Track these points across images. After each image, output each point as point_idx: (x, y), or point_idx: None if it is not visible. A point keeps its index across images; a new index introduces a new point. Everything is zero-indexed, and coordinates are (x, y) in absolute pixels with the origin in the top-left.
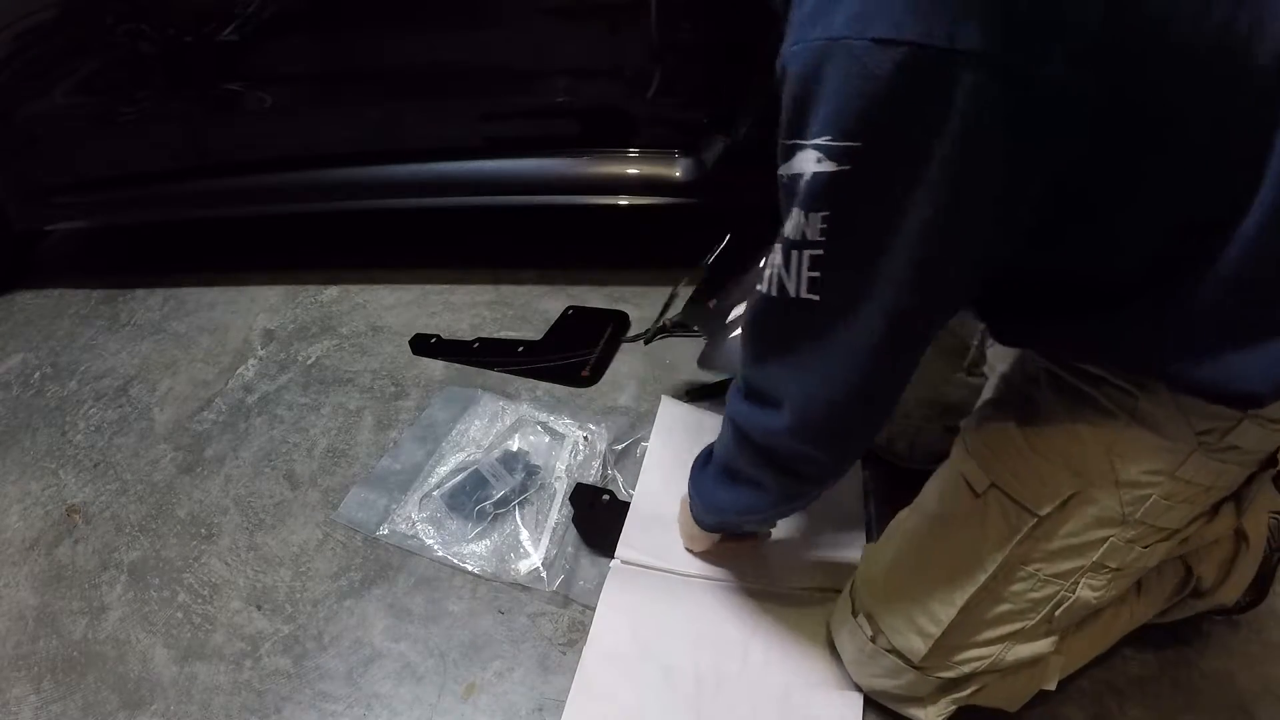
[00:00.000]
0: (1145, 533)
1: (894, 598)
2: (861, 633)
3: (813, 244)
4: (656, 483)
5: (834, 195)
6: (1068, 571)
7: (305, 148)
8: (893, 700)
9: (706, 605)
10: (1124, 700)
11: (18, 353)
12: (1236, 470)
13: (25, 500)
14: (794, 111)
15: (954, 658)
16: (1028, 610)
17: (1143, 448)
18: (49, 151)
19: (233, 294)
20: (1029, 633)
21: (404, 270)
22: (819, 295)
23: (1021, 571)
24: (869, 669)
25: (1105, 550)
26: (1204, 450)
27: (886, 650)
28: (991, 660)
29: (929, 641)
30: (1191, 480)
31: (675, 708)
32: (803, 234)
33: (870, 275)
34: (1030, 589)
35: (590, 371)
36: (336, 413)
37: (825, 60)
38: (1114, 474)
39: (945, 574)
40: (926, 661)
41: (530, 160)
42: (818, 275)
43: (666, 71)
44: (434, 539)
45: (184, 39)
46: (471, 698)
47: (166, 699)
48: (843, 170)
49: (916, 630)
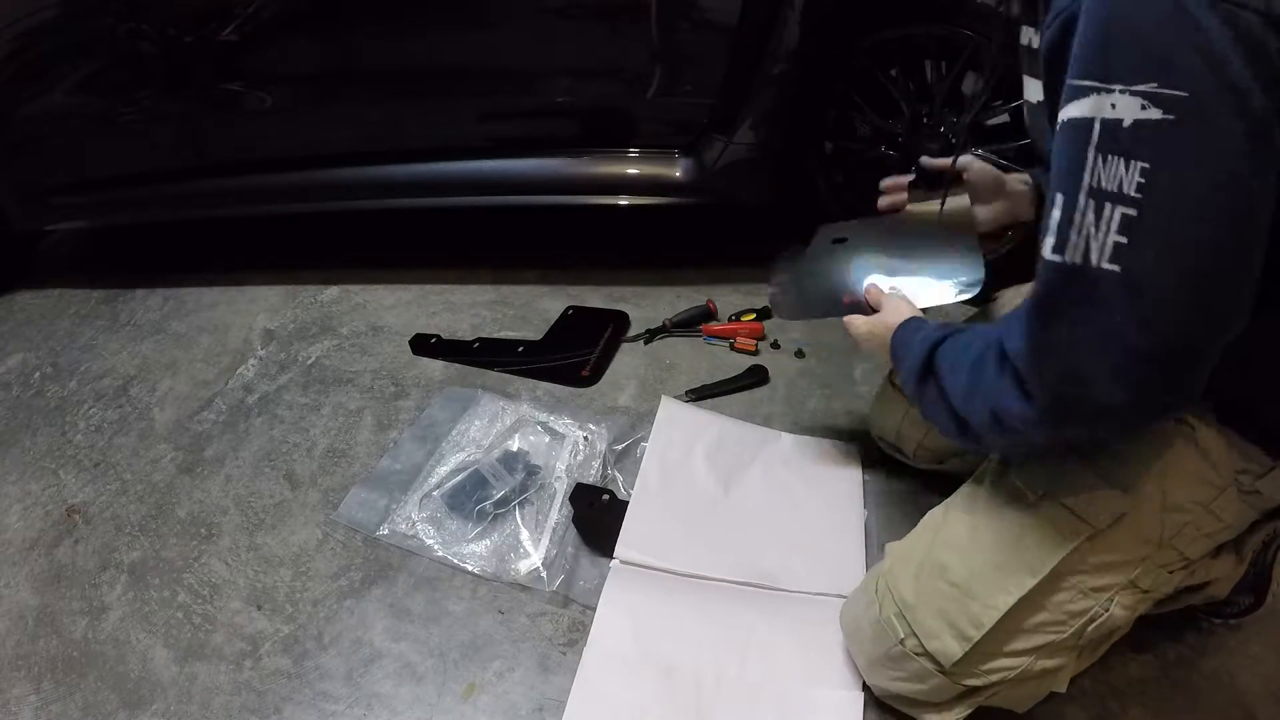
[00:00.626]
0: (1173, 559)
1: (932, 599)
2: (890, 635)
3: (1128, 200)
4: (656, 482)
5: (1158, 145)
6: (1106, 586)
7: (305, 148)
8: (908, 704)
9: (706, 605)
10: (1124, 700)
11: (18, 353)
12: (1251, 513)
13: (25, 500)
14: (1101, 53)
15: (986, 665)
16: (1064, 622)
17: (1191, 476)
18: (49, 151)
19: (233, 294)
20: (1059, 646)
21: (404, 270)
22: (1120, 266)
23: (1066, 582)
24: (891, 672)
25: (1141, 571)
26: (1237, 490)
27: (917, 654)
28: (1020, 671)
29: (966, 645)
30: (1219, 516)
31: (675, 708)
32: (1120, 185)
33: (1183, 242)
34: (1069, 600)
35: (590, 371)
36: (336, 413)
37: (1144, 6)
38: (1163, 498)
39: (992, 577)
40: (958, 667)
41: (530, 160)
42: (1125, 241)
43: (666, 71)
44: (434, 539)
45: (184, 39)
46: (472, 698)
47: (166, 699)
48: (1168, 119)
49: (956, 633)
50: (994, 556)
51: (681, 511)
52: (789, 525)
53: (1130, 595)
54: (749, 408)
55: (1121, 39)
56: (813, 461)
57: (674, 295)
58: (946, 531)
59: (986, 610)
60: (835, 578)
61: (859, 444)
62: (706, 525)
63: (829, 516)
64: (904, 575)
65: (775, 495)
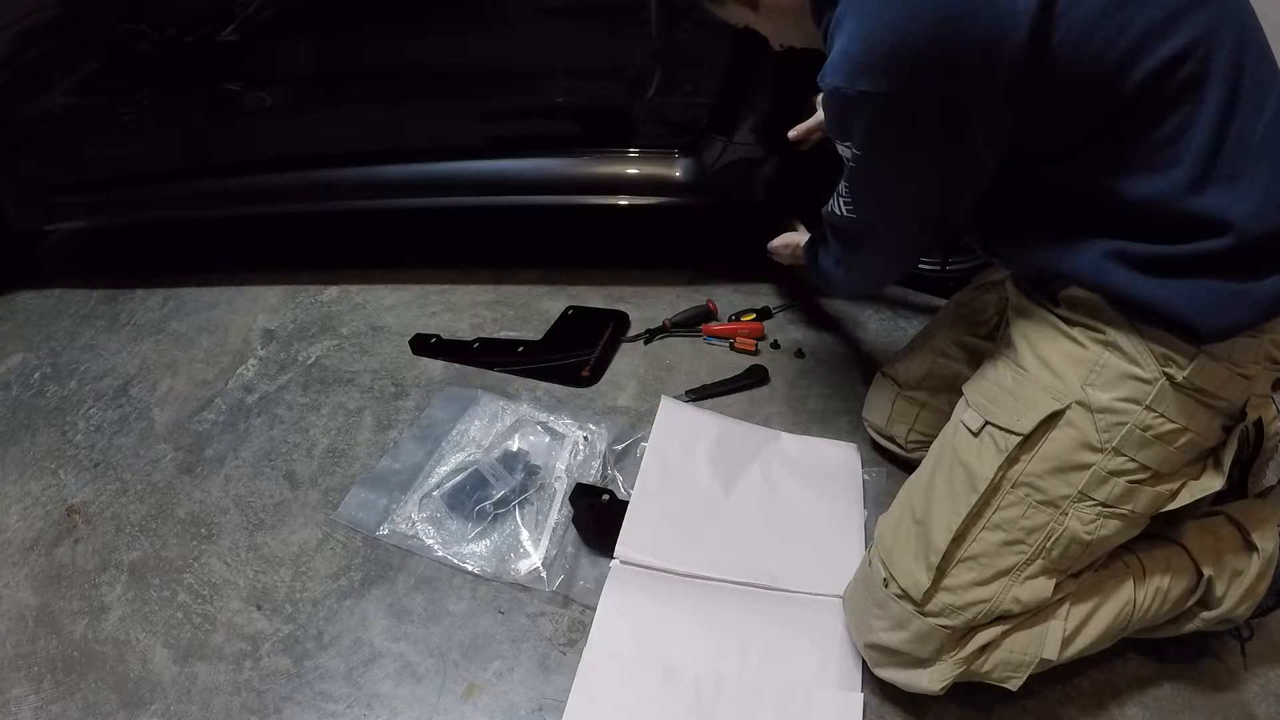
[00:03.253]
0: (1129, 467)
1: (905, 540)
2: (875, 579)
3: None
4: (656, 482)
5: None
6: (1056, 499)
7: (305, 148)
8: (897, 663)
9: (706, 605)
10: (1124, 700)
11: (18, 353)
12: (1209, 416)
13: (25, 500)
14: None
15: (958, 598)
16: (1022, 540)
17: (1112, 375)
18: (49, 151)
19: (233, 294)
20: (1026, 570)
21: (404, 270)
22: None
23: (1012, 495)
24: (878, 622)
25: (1089, 479)
26: (1170, 384)
27: (897, 596)
28: (992, 603)
29: (930, 572)
30: (1163, 414)
31: (675, 708)
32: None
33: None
34: (1022, 516)
35: (590, 371)
36: (336, 413)
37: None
38: (1088, 400)
39: (944, 504)
40: (929, 598)
41: (530, 160)
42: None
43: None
44: (434, 539)
45: (184, 39)
46: (471, 698)
47: (166, 699)
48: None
49: (923, 564)
50: (946, 486)
51: (682, 511)
52: (789, 525)
53: (1088, 509)
54: (749, 408)
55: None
56: (813, 462)
57: (674, 295)
58: (913, 478)
59: (941, 534)
60: (835, 578)
61: (859, 444)
62: (707, 525)
63: (829, 517)
64: (885, 525)
65: (775, 495)
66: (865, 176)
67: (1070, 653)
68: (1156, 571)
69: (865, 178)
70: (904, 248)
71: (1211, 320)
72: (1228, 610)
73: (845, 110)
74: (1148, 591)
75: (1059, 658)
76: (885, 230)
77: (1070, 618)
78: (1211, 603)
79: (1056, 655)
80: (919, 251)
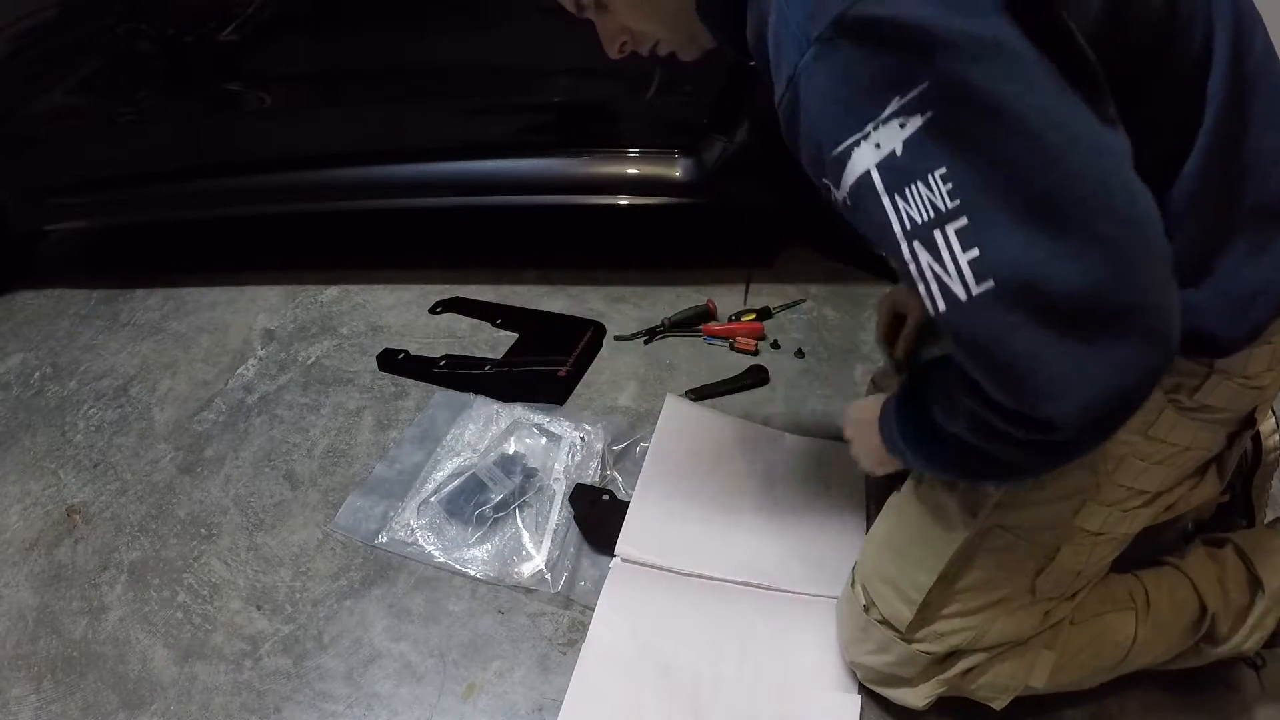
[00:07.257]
0: (1124, 495)
1: (884, 566)
2: (856, 604)
3: (950, 213)
4: (658, 480)
5: (940, 142)
6: (1044, 540)
7: (305, 148)
8: (883, 681)
9: (706, 605)
10: (1123, 700)
11: (18, 353)
12: (1213, 431)
13: (25, 500)
14: (836, 109)
15: (938, 627)
16: (1004, 580)
17: None
18: (49, 151)
19: (233, 294)
20: (1010, 602)
21: (404, 270)
22: (992, 279)
23: (1000, 539)
24: (862, 645)
25: (1083, 512)
26: (1175, 409)
27: (879, 622)
28: (974, 632)
29: (913, 608)
30: (1166, 440)
31: (673, 706)
32: (933, 206)
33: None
34: (1008, 550)
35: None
36: (336, 413)
37: (843, 59)
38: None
39: (925, 540)
40: (912, 631)
41: (530, 160)
42: (978, 254)
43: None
44: (434, 545)
45: (184, 39)
46: (471, 698)
47: (166, 699)
48: (929, 115)
49: (903, 597)
50: (926, 521)
51: (683, 510)
52: (789, 525)
53: (1081, 538)
54: (749, 408)
55: (840, 90)
56: (813, 462)
57: (674, 295)
58: (894, 503)
59: (923, 574)
60: (835, 578)
61: None
62: (708, 524)
63: (829, 517)
64: (867, 551)
65: (776, 495)
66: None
67: (1063, 682)
68: (1161, 606)
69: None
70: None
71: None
72: (1234, 647)
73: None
74: (1149, 628)
75: (1046, 687)
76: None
77: (1065, 649)
78: (1217, 639)
79: (1044, 684)
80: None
